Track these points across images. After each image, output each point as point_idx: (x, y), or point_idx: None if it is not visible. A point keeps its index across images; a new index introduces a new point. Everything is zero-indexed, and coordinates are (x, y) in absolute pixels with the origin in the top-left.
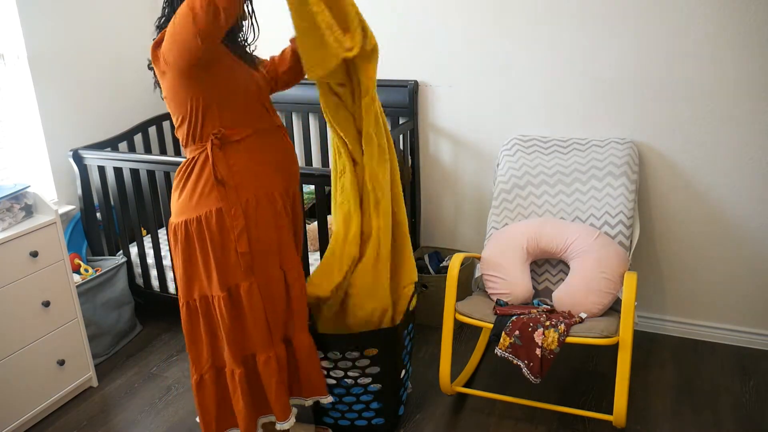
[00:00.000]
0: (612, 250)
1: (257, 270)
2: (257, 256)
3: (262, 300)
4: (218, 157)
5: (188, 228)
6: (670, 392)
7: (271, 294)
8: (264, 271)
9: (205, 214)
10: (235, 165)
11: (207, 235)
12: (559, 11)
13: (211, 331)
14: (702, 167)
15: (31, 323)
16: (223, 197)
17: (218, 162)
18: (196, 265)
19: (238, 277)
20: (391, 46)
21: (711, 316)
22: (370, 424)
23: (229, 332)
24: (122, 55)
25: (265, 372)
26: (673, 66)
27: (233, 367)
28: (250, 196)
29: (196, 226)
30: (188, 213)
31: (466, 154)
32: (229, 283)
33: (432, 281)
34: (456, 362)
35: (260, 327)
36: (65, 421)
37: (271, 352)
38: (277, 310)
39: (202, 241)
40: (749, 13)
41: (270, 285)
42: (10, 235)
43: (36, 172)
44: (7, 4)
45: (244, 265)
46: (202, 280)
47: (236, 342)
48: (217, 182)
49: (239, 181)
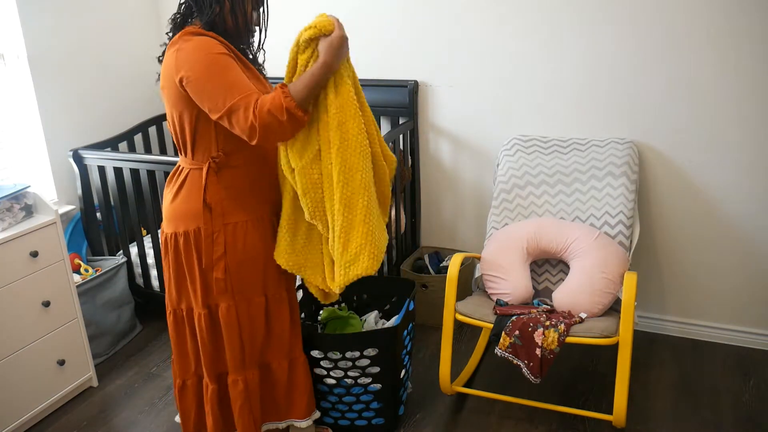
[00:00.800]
0: (612, 250)
1: (238, 293)
2: (240, 280)
3: (239, 323)
4: (212, 181)
5: (177, 241)
6: (670, 392)
7: (250, 318)
8: (245, 295)
9: (193, 231)
10: (227, 190)
11: (194, 252)
12: (559, 11)
13: (196, 341)
14: (702, 167)
15: (31, 323)
16: (207, 222)
17: (210, 186)
18: (184, 277)
19: (218, 297)
20: (391, 46)
21: (711, 316)
22: (370, 424)
23: (206, 349)
24: (122, 55)
25: (232, 393)
26: (673, 66)
27: (208, 381)
28: (239, 221)
29: (184, 241)
30: (177, 225)
31: (466, 154)
32: (209, 301)
33: (432, 281)
34: (456, 362)
35: (234, 349)
36: (65, 421)
37: (241, 376)
38: (255, 335)
39: (189, 256)
40: (750, 13)
41: (249, 309)
42: (10, 235)
43: (36, 172)
44: (7, 4)
45: (217, 290)
46: (188, 292)
47: (212, 359)
48: (205, 205)
49: (228, 206)
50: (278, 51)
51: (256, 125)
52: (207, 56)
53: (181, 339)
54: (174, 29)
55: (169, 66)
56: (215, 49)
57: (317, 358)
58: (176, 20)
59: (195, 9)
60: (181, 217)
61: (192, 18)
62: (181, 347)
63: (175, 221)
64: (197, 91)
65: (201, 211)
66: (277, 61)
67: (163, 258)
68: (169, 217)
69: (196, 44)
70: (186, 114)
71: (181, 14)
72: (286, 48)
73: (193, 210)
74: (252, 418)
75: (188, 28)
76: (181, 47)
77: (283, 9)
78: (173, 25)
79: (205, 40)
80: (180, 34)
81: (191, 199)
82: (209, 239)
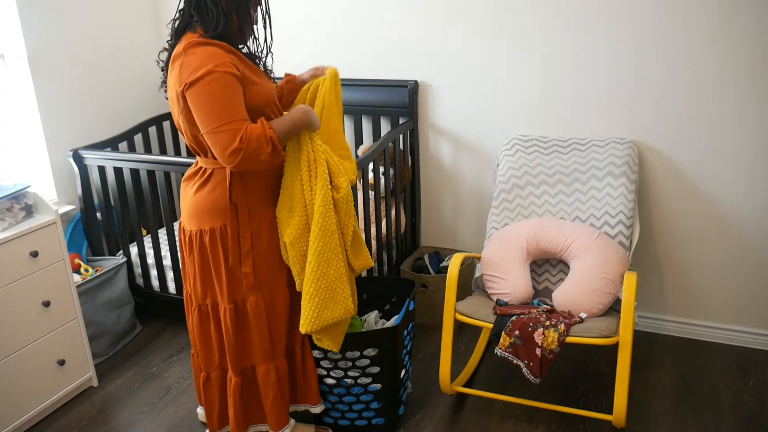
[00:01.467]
0: (612, 250)
1: (264, 287)
2: (266, 274)
3: (267, 315)
4: (236, 180)
5: (203, 238)
6: (670, 392)
7: (276, 310)
8: (271, 288)
9: (219, 228)
10: (252, 188)
11: (220, 249)
12: (559, 11)
13: (220, 335)
14: (702, 167)
15: (31, 323)
16: (233, 219)
17: (235, 184)
18: (210, 273)
19: (245, 291)
20: (391, 46)
21: (711, 316)
22: (370, 424)
23: (232, 343)
24: (122, 55)
25: (264, 384)
26: (673, 66)
27: (232, 375)
28: (263, 218)
29: (210, 238)
30: (202, 222)
31: (466, 154)
32: (236, 296)
33: (432, 281)
34: (456, 362)
35: (263, 341)
36: (65, 421)
37: (272, 365)
38: (280, 325)
39: (215, 253)
40: (750, 13)
41: (275, 301)
42: (10, 235)
43: (36, 172)
44: (7, 4)
45: (247, 285)
46: (214, 287)
47: (238, 353)
48: (231, 204)
49: (252, 204)
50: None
51: (241, 151)
52: (209, 71)
53: (205, 333)
54: (175, 36)
55: (173, 81)
56: (219, 67)
57: (317, 358)
58: (176, 27)
59: (197, 19)
60: (206, 215)
61: (193, 23)
62: (205, 341)
63: (200, 218)
64: (192, 102)
65: (227, 208)
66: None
67: (188, 255)
68: (192, 214)
69: (199, 57)
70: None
71: (182, 19)
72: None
73: (220, 207)
74: (285, 405)
75: (191, 36)
76: (185, 62)
77: (282, 8)
78: (173, 32)
79: (209, 52)
80: (184, 45)
81: (216, 197)
82: (235, 236)
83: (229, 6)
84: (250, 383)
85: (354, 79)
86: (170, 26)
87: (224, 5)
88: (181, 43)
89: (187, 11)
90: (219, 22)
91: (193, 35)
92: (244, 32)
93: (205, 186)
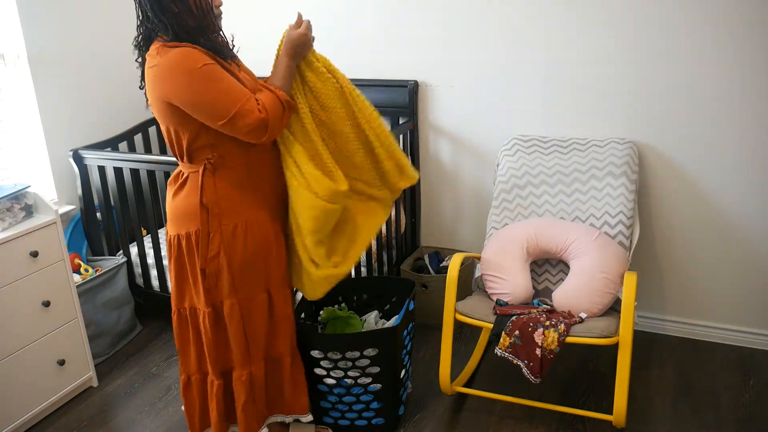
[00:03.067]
0: (612, 250)
1: (240, 291)
2: (242, 279)
3: (243, 320)
4: (208, 182)
5: (180, 242)
6: (670, 392)
7: (252, 315)
8: (247, 293)
9: (194, 232)
10: (224, 190)
11: (195, 252)
12: (559, 11)
13: (199, 339)
14: (702, 167)
15: (31, 323)
16: (204, 223)
17: (207, 187)
18: (186, 278)
19: (222, 294)
20: (391, 46)
21: (711, 316)
22: (370, 424)
23: (211, 346)
24: (122, 55)
25: (236, 388)
26: (673, 66)
27: (213, 377)
28: (239, 221)
29: (186, 243)
30: (179, 227)
31: (466, 154)
32: (213, 299)
33: (432, 281)
34: (456, 362)
35: (239, 345)
36: (65, 421)
37: (246, 370)
38: (258, 331)
39: (191, 257)
40: (751, 13)
41: (252, 306)
42: (10, 235)
43: (36, 172)
44: (7, 4)
45: (208, 287)
46: (191, 292)
47: (217, 356)
48: (202, 207)
49: (225, 207)
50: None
51: (268, 120)
52: (191, 73)
53: (184, 337)
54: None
55: (152, 86)
56: (196, 63)
57: (317, 358)
58: (140, 45)
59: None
60: (181, 219)
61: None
62: (184, 345)
63: (177, 223)
64: (193, 108)
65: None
66: None
67: (169, 259)
68: (171, 219)
69: (175, 61)
70: (181, 128)
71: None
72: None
73: (192, 211)
74: (254, 412)
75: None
76: (160, 64)
77: (282, 9)
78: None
79: (182, 54)
80: (156, 48)
81: (190, 202)
82: (205, 239)
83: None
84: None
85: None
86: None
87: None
88: (151, 52)
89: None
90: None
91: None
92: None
93: (181, 191)
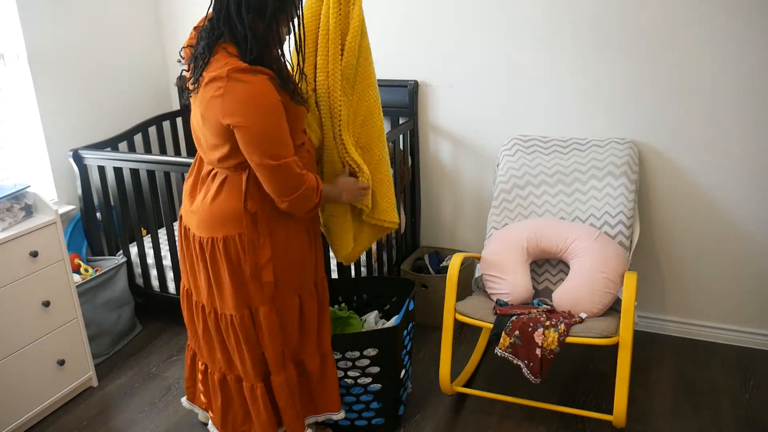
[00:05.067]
0: (612, 250)
1: (276, 297)
2: (279, 285)
3: (279, 326)
4: (252, 188)
5: (215, 246)
6: (670, 392)
7: (285, 320)
8: (282, 299)
9: (236, 236)
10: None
11: (234, 257)
12: (559, 11)
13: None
14: (702, 167)
15: (31, 323)
16: (249, 227)
17: (251, 192)
18: (220, 280)
19: (258, 300)
20: (391, 46)
21: (711, 316)
22: (370, 424)
23: (252, 350)
24: (122, 55)
25: (277, 392)
26: (673, 66)
27: (254, 381)
28: (279, 228)
29: (223, 246)
30: (216, 230)
31: (466, 154)
32: (250, 304)
33: (432, 281)
34: (456, 362)
35: (275, 351)
36: (65, 421)
37: (282, 375)
38: (290, 336)
39: (229, 262)
40: (750, 13)
41: (285, 312)
42: (10, 235)
43: (36, 172)
44: (7, 4)
45: (267, 294)
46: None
47: (257, 360)
48: (246, 211)
49: (270, 213)
50: None
51: (300, 189)
52: (263, 107)
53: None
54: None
55: (214, 105)
56: (270, 98)
57: None
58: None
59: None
60: (221, 222)
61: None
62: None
63: (214, 225)
64: (248, 139)
65: (242, 216)
66: None
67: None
68: (206, 220)
69: (249, 91)
70: (228, 145)
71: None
72: None
73: (237, 215)
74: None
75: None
76: (233, 90)
77: None
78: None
79: (258, 85)
80: (228, 70)
81: (233, 205)
82: (251, 245)
83: (256, 23)
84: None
85: None
86: (203, 33)
87: (250, 22)
88: (220, 62)
89: (217, 25)
90: (251, 46)
91: (229, 57)
92: (271, 50)
93: (220, 191)
